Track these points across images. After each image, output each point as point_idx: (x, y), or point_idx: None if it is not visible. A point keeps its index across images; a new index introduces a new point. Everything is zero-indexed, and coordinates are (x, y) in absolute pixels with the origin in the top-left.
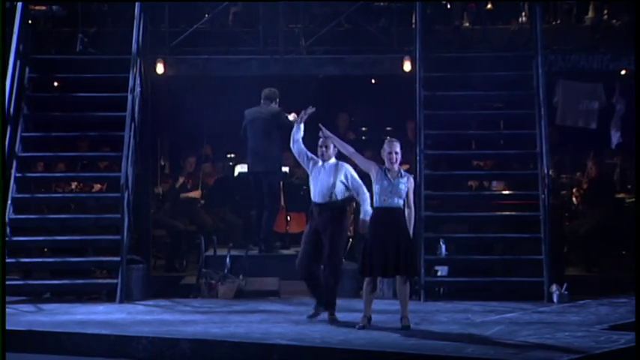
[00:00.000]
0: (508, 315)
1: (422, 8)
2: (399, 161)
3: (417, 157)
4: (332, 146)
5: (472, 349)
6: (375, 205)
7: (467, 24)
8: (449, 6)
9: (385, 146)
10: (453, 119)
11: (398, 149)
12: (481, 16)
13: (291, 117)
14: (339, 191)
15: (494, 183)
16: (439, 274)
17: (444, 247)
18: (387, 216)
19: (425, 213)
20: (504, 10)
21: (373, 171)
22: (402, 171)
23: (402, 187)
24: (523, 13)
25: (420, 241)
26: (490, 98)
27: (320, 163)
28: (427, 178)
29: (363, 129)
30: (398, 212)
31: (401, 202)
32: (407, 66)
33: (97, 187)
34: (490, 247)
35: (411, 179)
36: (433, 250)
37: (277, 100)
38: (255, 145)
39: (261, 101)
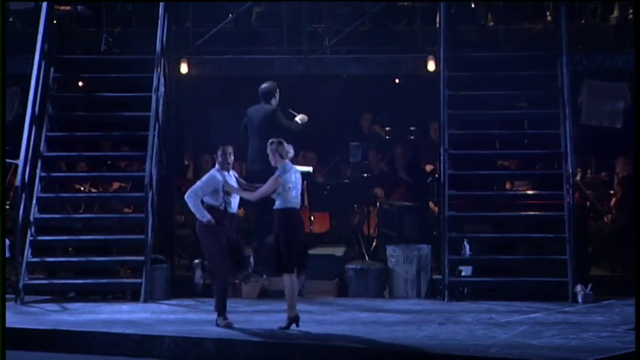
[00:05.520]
0: (532, 315)
1: (446, 8)
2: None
3: (441, 157)
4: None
5: (496, 349)
6: (289, 205)
7: (491, 23)
8: (473, 5)
9: (279, 147)
10: (477, 119)
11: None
12: (506, 16)
13: (299, 118)
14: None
15: (517, 182)
16: (463, 274)
17: (467, 247)
18: (299, 216)
19: (449, 213)
20: (529, 9)
21: (279, 179)
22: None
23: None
24: (548, 13)
25: (444, 241)
26: (514, 98)
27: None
28: (451, 178)
29: (387, 129)
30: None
31: None
32: (431, 66)
33: (117, 185)
34: (514, 247)
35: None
36: (457, 250)
37: (276, 94)
38: (254, 145)
39: (261, 100)
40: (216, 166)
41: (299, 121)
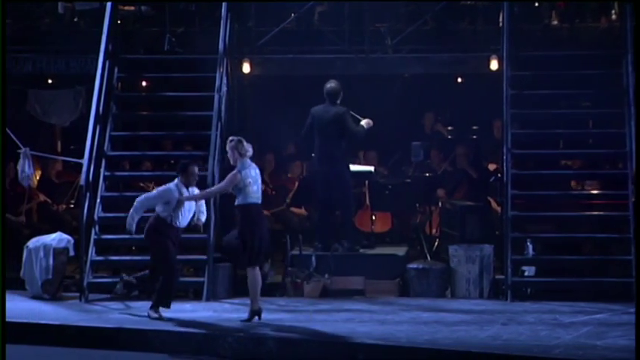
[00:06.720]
0: (596, 316)
1: (509, 7)
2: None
3: (504, 157)
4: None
5: (560, 350)
6: (250, 200)
7: (555, 22)
8: (537, 4)
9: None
10: (541, 118)
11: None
12: (570, 14)
13: (364, 122)
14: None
15: (587, 182)
16: (526, 274)
17: (530, 247)
18: (260, 211)
19: (512, 212)
20: (594, 7)
21: (238, 175)
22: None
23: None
24: (613, 11)
25: (506, 241)
26: (578, 97)
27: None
28: (514, 178)
29: (449, 128)
30: None
31: None
32: (493, 65)
33: None
34: (578, 247)
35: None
36: (520, 250)
37: (341, 94)
38: (320, 145)
39: (326, 99)
40: (176, 180)
41: (365, 126)
